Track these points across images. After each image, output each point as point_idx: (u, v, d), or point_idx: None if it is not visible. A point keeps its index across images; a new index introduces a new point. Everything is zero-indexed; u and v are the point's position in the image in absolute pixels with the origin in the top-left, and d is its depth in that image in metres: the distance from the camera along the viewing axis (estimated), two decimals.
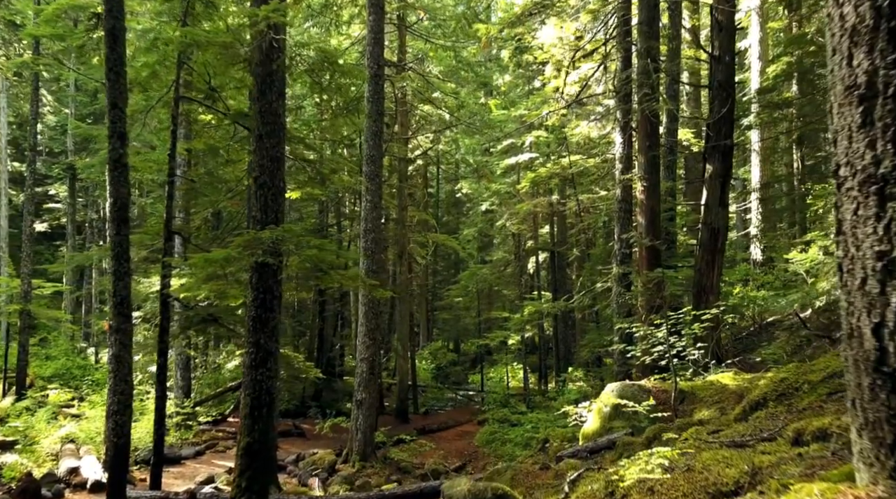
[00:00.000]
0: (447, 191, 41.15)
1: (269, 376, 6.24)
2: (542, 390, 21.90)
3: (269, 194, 6.48)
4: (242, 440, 6.02)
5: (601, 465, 6.51)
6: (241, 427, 6.13)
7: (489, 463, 14.53)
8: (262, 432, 6.08)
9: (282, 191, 6.56)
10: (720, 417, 6.37)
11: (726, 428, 4.71)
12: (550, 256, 24.67)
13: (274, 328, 6.34)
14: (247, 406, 6.14)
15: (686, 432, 5.12)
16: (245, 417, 6.12)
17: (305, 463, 12.53)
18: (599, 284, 13.10)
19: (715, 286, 11.15)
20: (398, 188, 21.04)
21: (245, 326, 6.40)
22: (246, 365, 6.28)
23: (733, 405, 6.84)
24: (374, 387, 13.37)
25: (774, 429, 4.09)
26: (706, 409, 6.99)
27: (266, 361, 6.26)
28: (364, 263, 13.39)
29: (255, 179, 6.49)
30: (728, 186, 11.59)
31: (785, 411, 4.71)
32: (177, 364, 15.26)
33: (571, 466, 6.61)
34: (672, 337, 7.65)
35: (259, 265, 6.29)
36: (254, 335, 6.28)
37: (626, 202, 12.58)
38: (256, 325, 6.28)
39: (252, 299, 6.33)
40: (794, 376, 5.17)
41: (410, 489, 7.38)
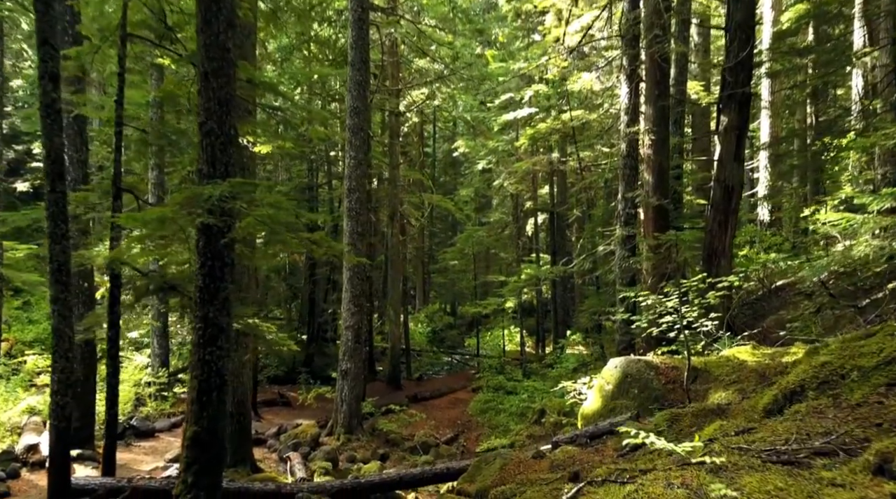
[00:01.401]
0: (444, 150, 39.92)
1: (220, 355, 5.37)
2: (540, 356, 21.23)
3: (218, 143, 5.49)
4: (189, 430, 5.19)
5: (602, 459, 5.70)
6: (188, 414, 5.29)
7: (482, 434, 13.88)
8: (212, 419, 5.24)
9: (232, 139, 5.58)
10: (741, 402, 5.52)
11: (758, 426, 3.85)
12: (550, 218, 23.70)
13: (225, 300, 5.44)
14: (194, 390, 5.29)
15: (706, 426, 4.26)
16: (192, 402, 5.28)
17: (287, 436, 11.82)
18: (601, 247, 12.18)
19: (727, 250, 10.22)
20: (389, 145, 19.95)
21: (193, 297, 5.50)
22: (193, 343, 5.40)
23: (754, 386, 6.00)
24: (360, 356, 12.59)
25: (827, 433, 3.24)
26: (722, 390, 6.16)
27: (216, 338, 5.38)
28: (349, 224, 12.46)
29: (202, 126, 5.50)
30: (744, 140, 10.56)
31: (832, 406, 3.84)
32: (153, 332, 14.47)
33: (569, 455, 5.81)
34: (682, 307, 6.76)
35: (206, 227, 5.35)
36: (201, 308, 5.39)
37: (631, 158, 11.55)
38: (204, 296, 5.38)
39: (199, 267, 5.42)
40: (839, 358, 4.29)
41: (389, 477, 6.62)
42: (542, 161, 20.64)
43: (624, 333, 10.70)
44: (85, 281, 10.55)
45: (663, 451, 4.57)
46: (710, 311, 7.35)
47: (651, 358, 7.07)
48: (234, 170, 5.65)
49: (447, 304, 37.01)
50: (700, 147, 19.86)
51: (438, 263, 29.11)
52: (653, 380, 6.74)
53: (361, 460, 11.21)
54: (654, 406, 6.57)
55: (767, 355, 6.75)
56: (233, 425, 9.46)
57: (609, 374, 7.14)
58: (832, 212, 8.85)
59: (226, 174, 5.50)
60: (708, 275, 7.67)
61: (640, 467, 4.18)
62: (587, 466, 5.42)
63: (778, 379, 5.69)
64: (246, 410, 9.56)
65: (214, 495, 5.21)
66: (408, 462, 11.44)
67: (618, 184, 18.86)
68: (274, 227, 5.30)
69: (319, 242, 5.77)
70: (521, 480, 5.34)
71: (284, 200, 5.36)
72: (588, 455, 5.74)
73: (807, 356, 5.35)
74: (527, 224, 26.00)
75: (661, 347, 8.14)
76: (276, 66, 22.89)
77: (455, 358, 25.83)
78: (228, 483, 6.78)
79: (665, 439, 5.21)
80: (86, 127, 10.54)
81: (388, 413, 14.18)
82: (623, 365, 7.03)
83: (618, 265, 10.89)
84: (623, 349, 10.82)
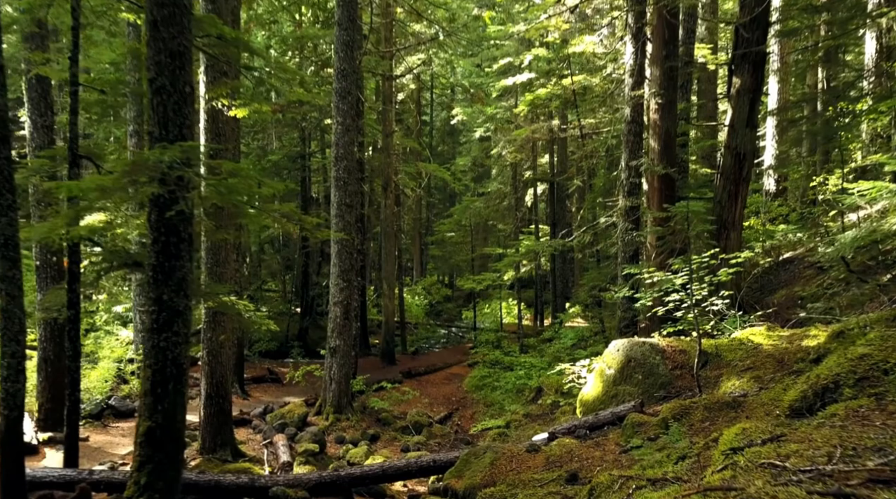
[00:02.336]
0: (442, 118, 38.99)
1: (177, 341, 4.79)
2: (538, 329, 20.75)
3: (171, 103, 4.82)
4: (142, 425, 4.64)
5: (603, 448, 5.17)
6: (141, 407, 4.74)
7: (477, 412, 13.43)
8: (168, 413, 4.68)
9: (187, 98, 4.90)
10: (758, 393, 4.96)
11: (788, 432, 3.27)
12: (550, 188, 22.98)
13: (182, 280, 4.84)
14: (147, 381, 4.72)
15: (721, 423, 3.69)
16: (145, 394, 4.72)
17: (273, 416, 11.34)
18: (603, 219, 11.54)
19: (738, 222, 9.61)
20: (382, 112, 19.14)
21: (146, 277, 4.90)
22: (146, 328, 4.82)
23: (772, 374, 5.44)
24: (350, 333, 12.05)
25: (881, 449, 2.66)
26: (736, 377, 5.60)
27: (172, 322, 4.79)
28: (336, 195, 11.80)
29: (151, 83, 4.82)
30: (758, 103, 9.85)
31: (877, 410, 3.26)
32: (136, 306, 13.89)
33: (567, 450, 5.27)
34: (692, 284, 6.16)
35: (158, 199, 4.71)
36: (155, 289, 4.79)
37: (635, 124, 10.84)
38: (158, 276, 4.78)
39: (152, 243, 4.80)
40: (880, 351, 3.70)
41: (371, 470, 6.10)
42: (541, 128, 19.86)
43: (626, 310, 10.14)
44: (55, 256, 9.93)
45: (673, 454, 4.02)
46: (719, 288, 6.77)
47: (657, 340, 6.50)
48: (191, 133, 4.98)
49: (445, 276, 36.47)
50: (706, 114, 19.08)
51: (435, 235, 28.42)
52: (659, 365, 6.18)
53: (350, 442, 10.76)
54: (659, 393, 6.03)
55: (784, 338, 6.18)
56: (212, 408, 8.97)
57: (611, 357, 6.58)
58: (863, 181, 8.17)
59: (180, 138, 4.84)
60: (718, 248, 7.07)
61: (647, 476, 3.62)
62: (587, 464, 4.88)
63: (800, 366, 5.13)
64: (225, 392, 9.04)
65: (172, 496, 4.68)
66: (398, 443, 10.99)
67: (620, 152, 18.13)
68: (232, 198, 4.66)
69: (290, 216, 5.14)
70: (513, 480, 4.80)
71: (245, 168, 4.71)
72: (588, 450, 5.20)
73: (834, 342, 4.77)
74: (526, 195, 25.27)
75: (666, 326, 7.57)
76: (265, 29, 21.96)
77: (452, 331, 25.39)
78: (198, 475, 6.28)
79: (674, 436, 4.66)
80: (51, 89, 9.81)
81: (380, 391, 13.71)
82: (626, 348, 6.46)
83: (620, 238, 10.27)
84: (625, 327, 10.27)
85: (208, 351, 8.94)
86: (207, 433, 8.90)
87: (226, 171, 4.64)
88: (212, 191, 4.89)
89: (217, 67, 8.81)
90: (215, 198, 4.69)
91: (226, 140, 9.15)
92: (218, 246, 8.96)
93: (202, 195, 4.88)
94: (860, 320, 5.46)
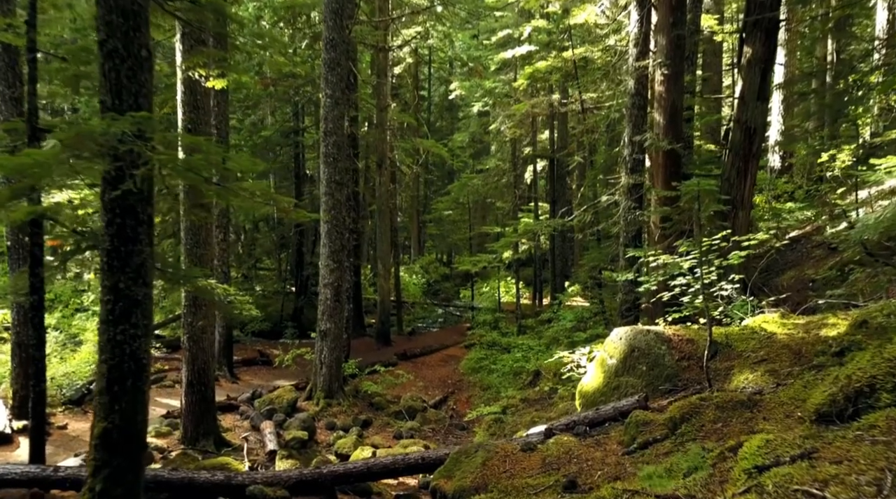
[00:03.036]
0: (440, 94, 38.18)
1: (136, 334, 4.34)
2: (536, 310, 20.36)
3: (124, 68, 4.31)
4: (97, 426, 4.22)
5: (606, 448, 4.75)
6: (96, 407, 4.31)
7: (473, 396, 13.06)
8: (127, 413, 4.26)
9: (144, 63, 4.38)
10: (776, 390, 4.52)
11: (821, 445, 2.83)
12: (549, 164, 22.41)
13: (141, 266, 4.37)
14: (103, 378, 4.28)
15: (748, 442, 3.25)
16: (101, 393, 4.28)
17: (261, 402, 10.96)
18: (605, 197, 11.03)
19: (747, 200, 9.10)
20: (376, 85, 18.47)
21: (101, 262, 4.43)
22: (100, 319, 4.35)
23: (788, 366, 5.00)
24: (342, 315, 11.63)
25: None
26: (748, 370, 5.16)
27: (129, 313, 4.34)
28: (325, 172, 11.28)
29: (101, 45, 4.31)
30: (770, 75, 9.29)
31: None
32: None
33: (565, 449, 4.85)
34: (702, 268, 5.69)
35: (112, 176, 4.22)
36: (110, 277, 4.32)
37: (639, 96, 10.26)
38: (113, 262, 4.31)
39: (106, 226, 4.33)
40: None
41: (356, 467, 5.70)
42: (541, 103, 19.22)
43: (627, 293, 9.69)
44: (27, 237, 9.43)
45: (683, 462, 3.59)
46: (728, 272, 6.30)
47: (662, 328, 6.06)
48: (148, 103, 4.47)
49: (443, 254, 36.03)
50: (710, 88, 18.45)
51: (432, 214, 27.87)
52: (664, 355, 5.75)
53: (341, 428, 10.40)
54: (665, 386, 5.60)
55: (800, 326, 5.73)
56: (194, 396, 8.57)
57: (613, 346, 6.14)
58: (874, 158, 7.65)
59: (135, 107, 4.33)
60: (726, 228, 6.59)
61: (655, 491, 3.19)
62: (587, 467, 4.46)
63: (821, 360, 4.68)
64: (208, 379, 8.63)
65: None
66: (391, 429, 10.63)
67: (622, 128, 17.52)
68: (191, 176, 4.16)
69: (264, 195, 4.64)
70: (506, 485, 4.39)
71: (204, 142, 4.20)
72: (588, 450, 4.78)
73: (858, 332, 4.32)
74: (525, 172, 24.70)
75: (670, 311, 7.11)
76: None
77: (449, 311, 25.02)
78: (171, 472, 5.88)
79: (683, 439, 4.23)
80: (19, 59, 9.22)
81: (373, 374, 13.33)
82: (629, 337, 6.02)
83: (622, 218, 9.78)
84: (626, 310, 9.84)
85: (189, 336, 8.51)
86: (189, 422, 8.52)
87: (185, 145, 4.13)
88: (169, 170, 4.39)
89: (193, 35, 8.24)
90: (175, 176, 4.19)
91: (205, 113, 8.61)
92: (198, 226, 8.48)
93: (163, 173, 4.38)
94: (884, 308, 5.02)
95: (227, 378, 12.97)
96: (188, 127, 8.44)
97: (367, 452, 7.83)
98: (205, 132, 8.74)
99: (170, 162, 3.94)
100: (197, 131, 8.50)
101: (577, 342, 12.79)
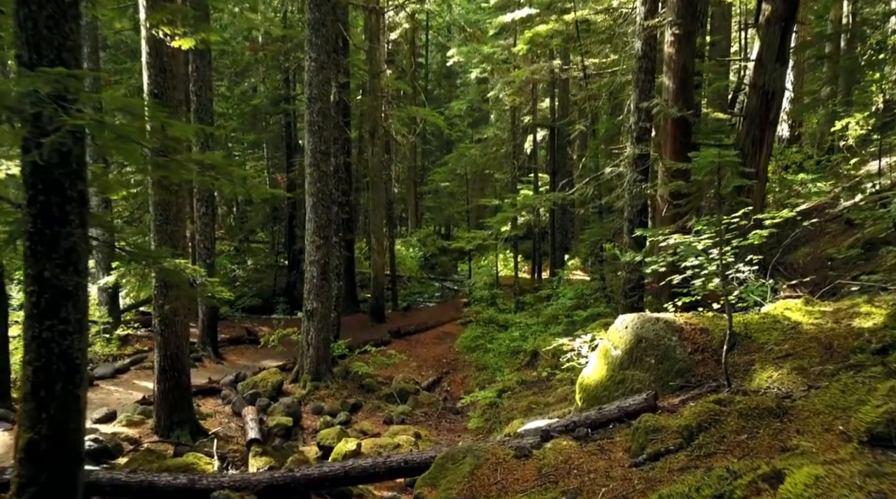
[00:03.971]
0: (438, 61, 37.05)
1: (66, 331, 3.74)
2: (535, 285, 19.78)
3: (42, 16, 3.63)
4: (22, 437, 3.65)
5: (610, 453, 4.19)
6: (21, 415, 3.74)
7: (468, 377, 12.54)
8: (57, 422, 3.68)
9: (68, 11, 3.69)
10: (808, 394, 3.92)
11: (887, 490, 2.24)
12: (550, 134, 21.60)
13: (70, 252, 3.75)
14: (28, 381, 3.70)
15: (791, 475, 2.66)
16: (25, 399, 3.70)
17: (245, 385, 10.44)
18: (609, 169, 10.33)
19: (762, 172, 8.46)
20: (369, 50, 17.57)
21: None
22: (25, 314, 3.74)
23: (819, 363, 4.40)
24: (329, 294, 11.03)
25: None
26: (772, 367, 4.56)
27: (58, 306, 3.73)
28: (310, 141, 10.56)
29: None
30: (790, 34, 8.54)
31: None
32: (99, 265, 12.85)
33: (564, 457, 4.28)
34: (715, 250, 5.05)
35: (33, 145, 3.55)
36: (34, 264, 3.70)
37: (647, 59, 9.47)
38: (37, 247, 3.69)
39: (28, 204, 3.69)
40: None
41: (332, 470, 5.16)
42: (541, 69, 18.33)
43: (632, 271, 9.06)
44: None
45: (705, 488, 3.01)
46: (744, 252, 5.66)
47: (672, 317, 5.45)
48: (74, 58, 3.78)
49: (441, 226, 35.34)
50: (719, 52, 17.57)
51: (428, 185, 27.09)
52: (675, 347, 5.15)
53: (329, 412, 9.88)
54: (676, 382, 5.02)
55: (828, 315, 5.12)
56: (167, 383, 8.01)
57: (618, 336, 5.54)
58: None
59: (59, 63, 3.65)
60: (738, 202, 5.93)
61: None
62: (589, 481, 3.89)
63: (860, 359, 4.08)
64: (182, 364, 8.07)
65: None
66: (381, 414, 10.13)
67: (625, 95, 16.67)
68: (121, 146, 3.50)
69: (218, 167, 3.97)
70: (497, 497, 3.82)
71: (136, 103, 3.53)
72: (590, 458, 4.21)
73: None
74: (525, 141, 23.87)
75: (679, 296, 6.48)
76: None
77: (446, 286, 24.46)
78: (129, 475, 5.34)
79: (701, 452, 3.65)
80: None
81: (364, 353, 12.81)
82: (636, 325, 5.41)
83: (627, 191, 9.11)
84: (630, 289, 9.23)
85: (160, 320, 7.92)
86: (162, 411, 7.98)
87: (116, 108, 3.46)
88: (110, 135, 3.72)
89: None
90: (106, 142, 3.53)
91: (173, 77, 7.86)
92: (167, 201, 7.83)
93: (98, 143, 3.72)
94: None
95: (211, 358, 12.45)
96: (154, 92, 7.72)
97: (352, 444, 7.30)
98: (175, 98, 8.02)
99: (94, 128, 3.27)
100: (165, 97, 7.79)
101: (576, 321, 12.23)
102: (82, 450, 3.94)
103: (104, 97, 3.59)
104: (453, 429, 9.64)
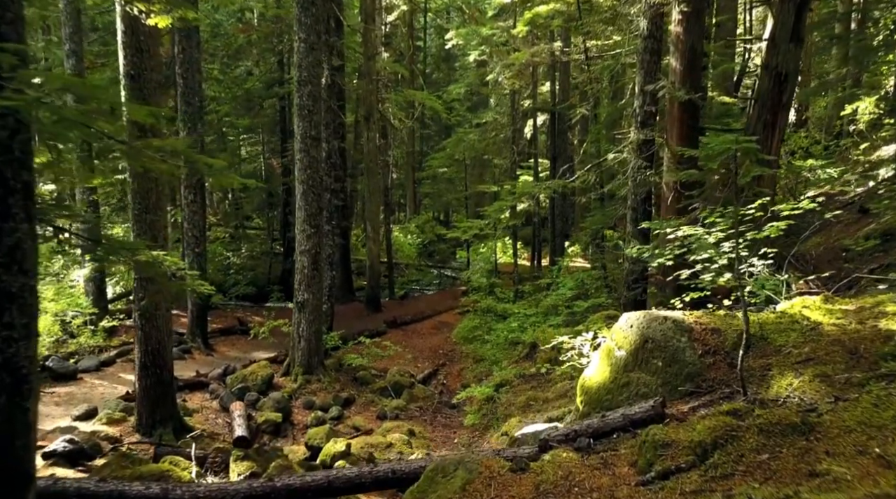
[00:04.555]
0: (437, 44, 36.36)
1: (10, 337, 3.38)
2: (535, 273, 19.39)
3: None
4: None
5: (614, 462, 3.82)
6: None
7: (465, 369, 12.20)
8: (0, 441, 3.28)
9: None
10: (835, 407, 3.54)
11: None
12: (550, 118, 21.07)
13: (15, 249, 3.39)
14: None
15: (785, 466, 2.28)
16: None
17: (234, 378, 10.10)
18: (611, 155, 9.90)
19: (774, 157, 8.01)
20: (364, 31, 17.04)
21: None
22: None
23: (844, 370, 4.02)
24: (320, 285, 10.66)
25: None
26: (792, 373, 4.18)
27: (1, 310, 3.33)
28: (300, 125, 10.12)
29: None
30: (806, 11, 8.06)
31: None
32: (83, 255, 12.43)
33: (563, 472, 3.92)
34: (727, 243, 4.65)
35: None
36: None
37: (653, 40, 9.02)
38: None
39: None
40: None
41: (315, 480, 4.81)
42: (541, 52, 17.81)
43: (635, 262, 8.67)
44: None
45: None
46: (758, 245, 5.26)
47: (681, 316, 5.06)
48: (15, 31, 3.35)
49: (440, 212, 34.87)
50: (725, 33, 17.03)
51: (426, 171, 26.60)
52: (685, 349, 4.77)
53: (320, 407, 9.56)
54: (686, 387, 4.64)
55: (851, 314, 4.73)
56: (148, 379, 7.67)
57: (622, 335, 5.16)
58: None
59: None
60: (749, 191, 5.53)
61: None
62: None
63: (891, 366, 3.70)
64: (164, 360, 7.71)
65: None
66: (375, 408, 9.81)
67: (628, 78, 16.17)
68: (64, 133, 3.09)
69: (176, 152, 3.55)
70: None
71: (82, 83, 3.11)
72: (592, 474, 3.84)
73: None
74: (525, 126, 23.35)
75: (685, 289, 6.09)
76: None
77: (445, 273, 24.08)
78: (98, 484, 4.99)
79: (716, 472, 3.28)
80: None
81: (358, 345, 12.46)
82: (642, 325, 5.03)
83: (631, 178, 8.69)
84: (633, 281, 8.85)
85: (141, 314, 7.55)
86: (143, 409, 7.64)
87: (57, 88, 3.05)
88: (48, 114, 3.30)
89: None
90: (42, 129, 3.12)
91: (150, 57, 7.42)
92: (147, 189, 7.42)
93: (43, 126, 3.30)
94: None
95: (200, 350, 12.11)
96: (131, 74, 7.29)
97: (341, 445, 6.96)
98: (153, 80, 7.58)
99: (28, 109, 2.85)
100: (142, 79, 7.35)
101: (576, 312, 11.86)
102: (33, 468, 3.58)
103: (48, 76, 3.17)
104: (449, 425, 9.32)
